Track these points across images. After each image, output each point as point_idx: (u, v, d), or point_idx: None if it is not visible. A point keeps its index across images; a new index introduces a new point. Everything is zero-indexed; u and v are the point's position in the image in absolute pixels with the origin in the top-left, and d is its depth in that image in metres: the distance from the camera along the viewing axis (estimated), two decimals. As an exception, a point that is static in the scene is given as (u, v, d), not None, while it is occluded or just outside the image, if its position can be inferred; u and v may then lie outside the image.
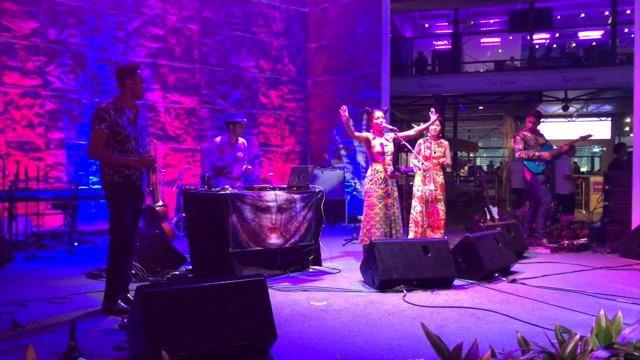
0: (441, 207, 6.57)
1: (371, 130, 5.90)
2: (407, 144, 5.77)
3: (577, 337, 2.59)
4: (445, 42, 20.31)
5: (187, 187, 5.65)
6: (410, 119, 20.19)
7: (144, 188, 4.00)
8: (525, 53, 17.49)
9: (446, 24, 22.12)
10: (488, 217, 7.99)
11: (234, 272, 4.74)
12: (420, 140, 6.75)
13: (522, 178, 10.66)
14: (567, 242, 6.75)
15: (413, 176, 6.54)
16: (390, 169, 5.76)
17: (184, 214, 6.58)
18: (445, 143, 6.75)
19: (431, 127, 6.53)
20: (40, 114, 7.93)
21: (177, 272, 5.05)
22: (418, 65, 16.98)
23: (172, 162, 9.17)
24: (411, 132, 6.14)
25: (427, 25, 23.25)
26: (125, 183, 3.86)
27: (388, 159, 5.77)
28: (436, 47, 20.87)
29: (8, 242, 6.21)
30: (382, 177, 5.72)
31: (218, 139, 6.10)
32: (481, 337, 3.26)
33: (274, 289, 4.57)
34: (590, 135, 7.02)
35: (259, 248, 4.93)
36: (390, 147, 5.87)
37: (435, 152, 6.58)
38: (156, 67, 9.11)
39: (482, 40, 22.59)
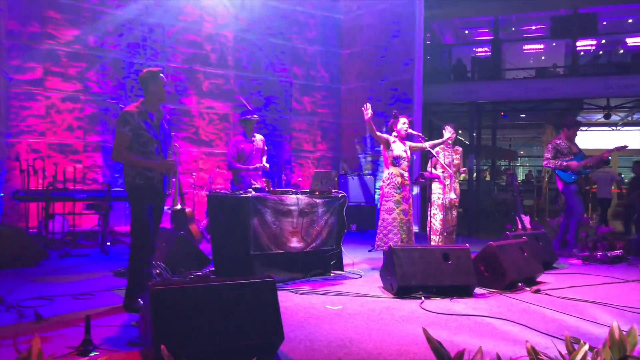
0: (455, 213, 6.54)
1: (393, 135, 5.90)
2: (432, 152, 5.74)
3: (586, 347, 2.53)
4: (486, 49, 20.00)
5: (216, 190, 5.81)
6: (440, 122, 19.90)
7: (165, 190, 4.11)
8: (569, 60, 17.05)
9: (487, 30, 21.80)
10: (520, 226, 7.81)
11: (254, 274, 4.80)
12: (437, 149, 6.73)
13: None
14: (600, 253, 6.53)
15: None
16: (406, 174, 5.76)
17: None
18: (460, 150, 6.72)
19: (443, 131, 6.54)
20: (79, 117, 8.25)
21: (200, 273, 5.14)
22: (456, 72, 16.78)
23: (205, 166, 9.35)
24: (425, 145, 6.08)
25: (467, 32, 22.96)
26: (147, 185, 3.98)
27: (405, 164, 5.77)
28: (477, 54, 20.58)
29: (44, 240, 6.48)
30: (400, 182, 5.71)
31: (235, 137, 6.35)
32: (494, 346, 3.21)
33: (292, 291, 4.61)
34: (626, 146, 6.78)
35: (280, 251, 4.98)
36: (409, 154, 5.87)
37: (453, 160, 6.56)
38: (191, 72, 9.34)
39: (524, 47, 22.15)
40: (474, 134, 12.57)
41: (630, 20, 20.17)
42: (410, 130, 5.90)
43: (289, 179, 10.32)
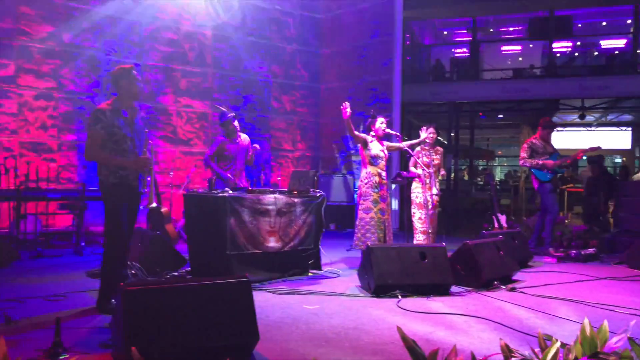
0: (436, 212, 6.59)
1: (371, 134, 5.92)
2: (410, 151, 5.77)
3: (558, 344, 2.55)
4: (465, 50, 20.19)
5: (194, 190, 5.75)
6: (420, 122, 20.02)
7: (140, 189, 4.05)
8: (545, 61, 17.31)
9: (465, 31, 22.00)
10: (496, 225, 7.89)
11: (231, 274, 4.75)
12: (418, 148, 6.77)
13: None
14: (574, 252, 6.63)
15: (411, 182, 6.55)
16: (384, 174, 5.79)
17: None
18: (441, 150, 6.77)
19: (428, 135, 6.58)
20: (54, 115, 8.09)
21: (176, 273, 5.09)
22: (435, 72, 16.90)
23: (183, 166, 9.26)
24: (402, 145, 6.13)
25: (445, 32, 23.14)
26: (121, 184, 3.91)
27: (382, 164, 5.80)
28: (455, 55, 20.76)
29: (16, 241, 6.34)
30: (377, 181, 5.74)
31: (221, 138, 6.29)
32: (469, 344, 3.23)
33: (269, 291, 4.59)
34: (599, 147, 6.90)
35: (257, 251, 4.95)
36: (386, 153, 5.90)
37: (433, 160, 6.61)
38: (169, 71, 9.23)
39: (502, 48, 22.41)
40: (452, 134, 12.68)
41: (604, 23, 20.56)
42: (388, 130, 5.92)
43: (268, 178, 10.28)
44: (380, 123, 5.91)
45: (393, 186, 9.86)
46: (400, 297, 4.40)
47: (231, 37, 9.93)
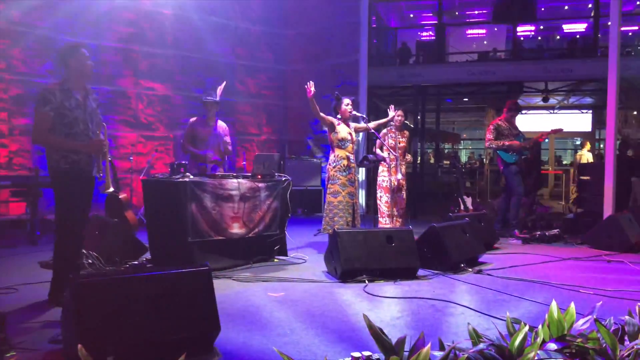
0: (404, 195, 6.55)
1: (337, 117, 5.80)
2: (376, 133, 5.68)
3: (526, 328, 2.50)
4: (431, 33, 20.17)
5: (155, 175, 5.52)
6: (385, 105, 20.01)
7: (94, 174, 3.83)
8: (509, 45, 17.45)
9: (431, 14, 21.97)
10: (462, 207, 7.92)
11: (193, 262, 4.59)
12: (384, 131, 6.71)
13: None
14: (539, 233, 6.70)
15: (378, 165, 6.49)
16: (352, 157, 5.70)
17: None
18: (407, 133, 6.71)
19: (396, 117, 6.52)
20: (3, 99, 7.68)
21: (136, 262, 4.89)
22: (402, 56, 16.83)
23: (144, 150, 8.96)
24: (370, 125, 6.04)
25: (412, 15, 23.09)
26: (73, 169, 3.69)
27: (350, 146, 5.71)
28: (422, 38, 20.73)
29: (-35, 231, 6.01)
30: (346, 165, 5.65)
31: (193, 119, 6.02)
32: (436, 329, 3.18)
33: (233, 279, 4.46)
34: (561, 129, 6.96)
35: (221, 237, 4.79)
36: (354, 136, 5.80)
37: (399, 143, 6.55)
38: (128, 52, 8.88)
39: (468, 32, 22.51)
40: (419, 117, 12.67)
41: (566, 7, 20.85)
42: (354, 112, 5.81)
43: (233, 163, 10.07)
44: (345, 105, 5.79)
45: (362, 171, 9.80)
46: (367, 281, 4.33)
47: (193, 17, 9.61)
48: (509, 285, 4.31)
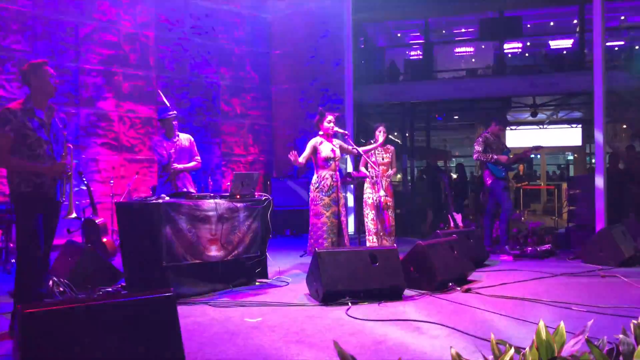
0: (391, 213, 6.37)
1: (320, 134, 5.65)
2: (358, 149, 5.53)
3: (512, 351, 2.32)
4: (419, 52, 20.25)
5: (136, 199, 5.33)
6: (373, 123, 20.01)
7: (58, 198, 3.64)
8: (497, 62, 17.53)
9: (419, 34, 22.09)
10: (452, 224, 7.75)
11: (168, 287, 4.37)
12: (367, 147, 6.56)
13: None
14: (530, 248, 6.53)
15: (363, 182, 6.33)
16: (336, 175, 5.53)
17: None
18: (392, 149, 6.57)
19: (377, 133, 6.40)
20: (-19, 123, 7.50)
21: (110, 289, 4.68)
22: (390, 74, 16.84)
23: (127, 174, 8.77)
24: (359, 150, 5.84)
25: (399, 34, 23.22)
26: (35, 192, 3.51)
27: (334, 165, 5.55)
28: (410, 57, 20.81)
29: None
30: (329, 184, 5.49)
31: (158, 137, 5.70)
32: (420, 352, 2.98)
33: (209, 304, 4.24)
34: (541, 147, 6.88)
35: (198, 261, 4.58)
36: (338, 153, 5.65)
37: (383, 159, 6.41)
38: (109, 74, 8.75)
39: (456, 50, 22.62)
40: (407, 135, 12.57)
41: (552, 23, 21.03)
42: (336, 129, 5.66)
43: (220, 184, 9.88)
44: (328, 122, 5.65)
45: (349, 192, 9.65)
46: (350, 304, 4.13)
47: (175, 38, 9.52)
48: (498, 304, 4.12)
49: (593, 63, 7.38)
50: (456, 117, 18.45)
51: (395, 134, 16.74)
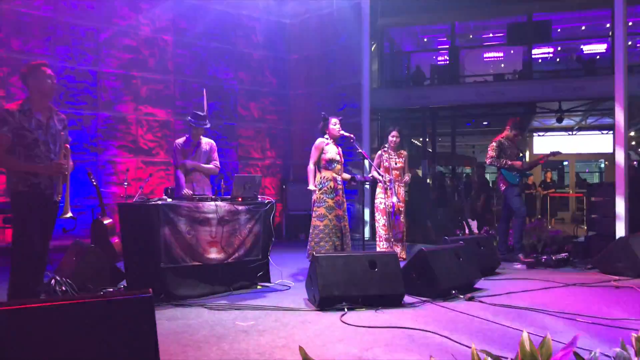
0: (402, 219, 6.26)
1: (325, 137, 5.60)
2: (364, 152, 5.45)
3: (490, 364, 2.22)
4: (447, 57, 19.99)
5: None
6: (405, 132, 19.78)
7: (55, 197, 3.68)
8: (527, 67, 17.21)
9: (446, 38, 21.84)
10: (467, 231, 7.59)
11: (166, 289, 4.39)
12: (380, 152, 6.48)
13: None
14: (545, 257, 6.31)
15: (371, 185, 6.25)
16: (339, 178, 5.47)
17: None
18: (405, 154, 6.46)
19: (390, 138, 6.33)
20: (2, 126, 7.70)
21: (111, 290, 4.71)
22: (416, 79, 16.66)
23: (144, 176, 8.86)
24: (365, 153, 5.71)
25: (426, 40, 23.01)
26: (32, 192, 3.55)
27: (338, 167, 5.48)
28: (438, 62, 20.57)
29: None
30: (332, 187, 5.42)
31: (180, 140, 5.57)
32: (406, 362, 2.89)
33: (205, 307, 4.22)
34: (559, 152, 6.67)
35: (197, 263, 4.58)
36: (342, 157, 5.60)
37: (396, 164, 6.32)
38: (128, 78, 8.88)
39: (485, 55, 22.29)
40: (427, 139, 12.40)
41: (583, 27, 20.51)
42: (342, 132, 5.60)
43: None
44: (333, 125, 5.59)
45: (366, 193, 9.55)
46: (346, 310, 4.05)
47: (194, 43, 9.61)
48: (500, 313, 3.97)
49: (614, 65, 7.11)
50: (485, 122, 18.14)
51: (421, 139, 16.55)
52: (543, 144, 18.24)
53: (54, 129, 3.74)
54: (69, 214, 3.65)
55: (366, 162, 5.48)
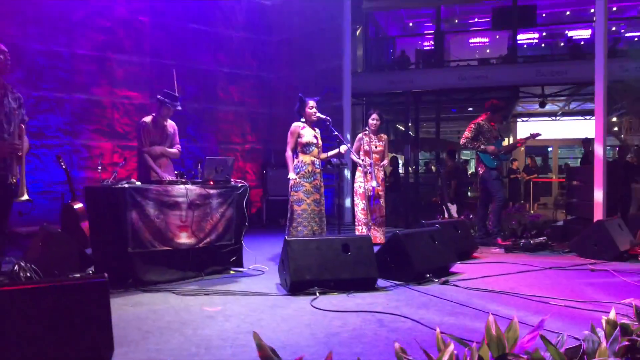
0: (382, 203, 6.18)
1: (302, 120, 5.48)
2: (340, 135, 5.34)
3: (451, 348, 2.15)
4: (432, 42, 19.85)
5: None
6: (389, 118, 19.68)
7: (8, 180, 3.53)
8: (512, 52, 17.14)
9: (432, 23, 21.67)
10: (447, 215, 7.54)
11: (134, 274, 4.27)
12: (360, 135, 6.37)
13: None
14: (523, 241, 6.28)
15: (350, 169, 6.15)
16: (317, 162, 5.37)
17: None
18: (385, 137, 6.36)
19: (371, 121, 6.23)
20: (-30, 108, 7.47)
21: (78, 275, 4.56)
22: (400, 64, 16.52)
23: (120, 160, 8.68)
24: (340, 135, 5.55)
25: (411, 24, 22.84)
26: (-15, 174, 3.41)
27: (316, 151, 5.37)
28: (423, 47, 20.42)
29: None
30: (310, 170, 5.32)
31: (147, 119, 5.38)
32: (373, 346, 2.81)
33: (174, 292, 4.11)
34: (538, 134, 6.61)
35: (166, 248, 4.45)
36: (320, 140, 5.49)
37: (376, 147, 6.21)
38: (102, 60, 8.66)
39: (470, 40, 22.19)
40: (410, 124, 12.31)
41: (568, 13, 20.48)
42: (318, 114, 5.48)
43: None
44: (310, 107, 5.47)
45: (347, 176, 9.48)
46: (318, 294, 3.97)
47: (171, 23, 9.39)
48: (473, 297, 3.92)
49: (595, 49, 7.04)
50: (471, 108, 18.11)
51: (406, 124, 16.46)
52: (527, 129, 18.23)
53: (8, 107, 3.58)
54: (25, 197, 3.50)
55: (342, 146, 5.35)
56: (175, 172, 5.37)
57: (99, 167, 7.51)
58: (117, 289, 4.16)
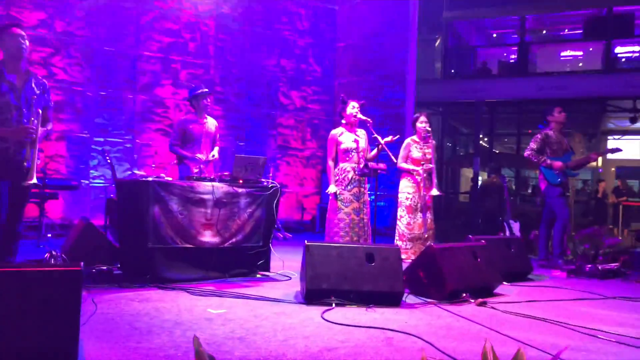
0: (431, 215, 5.75)
1: (342, 123, 5.22)
2: (379, 138, 5.00)
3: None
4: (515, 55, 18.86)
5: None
6: (460, 126, 18.80)
7: (28, 165, 3.54)
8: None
9: (517, 35, 20.64)
10: (508, 232, 6.94)
11: (153, 270, 4.18)
12: (408, 141, 5.98)
13: None
14: (590, 265, 5.58)
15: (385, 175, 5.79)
16: (359, 168, 5.07)
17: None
18: (434, 143, 5.92)
19: (419, 125, 5.82)
20: (41, 104, 7.88)
21: (104, 268, 4.55)
22: (480, 74, 15.80)
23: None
24: (380, 140, 5.18)
25: (495, 35, 21.88)
26: (1, 158, 3.42)
27: (356, 157, 5.07)
28: (509, 59, 19.46)
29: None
30: (350, 178, 5.04)
31: (183, 117, 5.57)
32: (366, 368, 2.48)
33: (188, 291, 3.97)
34: (619, 149, 5.90)
35: (189, 245, 4.33)
36: (362, 144, 5.18)
37: (425, 155, 5.81)
38: (167, 61, 8.87)
39: (561, 53, 20.88)
40: (480, 135, 11.65)
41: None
42: (360, 116, 5.19)
43: (274, 177, 9.68)
44: (352, 108, 5.20)
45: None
46: (334, 305, 3.66)
47: (236, 27, 9.47)
48: (506, 322, 3.44)
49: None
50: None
51: (486, 138, 15.65)
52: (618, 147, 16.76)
53: (30, 93, 3.59)
54: (34, 180, 3.47)
55: (386, 138, 4.99)
56: (225, 173, 5.32)
57: (152, 165, 7.65)
58: (134, 283, 4.09)
